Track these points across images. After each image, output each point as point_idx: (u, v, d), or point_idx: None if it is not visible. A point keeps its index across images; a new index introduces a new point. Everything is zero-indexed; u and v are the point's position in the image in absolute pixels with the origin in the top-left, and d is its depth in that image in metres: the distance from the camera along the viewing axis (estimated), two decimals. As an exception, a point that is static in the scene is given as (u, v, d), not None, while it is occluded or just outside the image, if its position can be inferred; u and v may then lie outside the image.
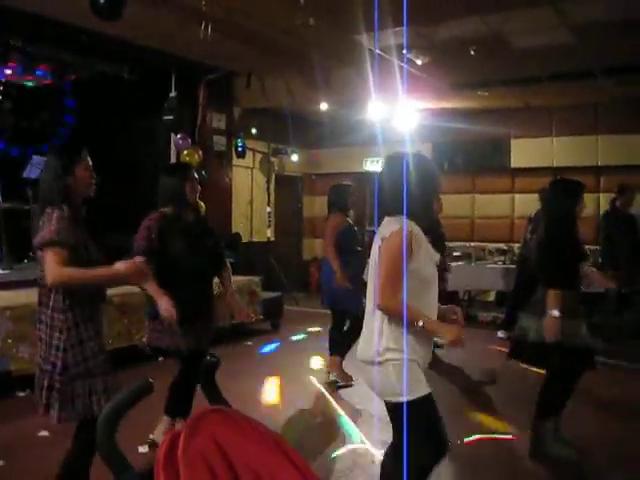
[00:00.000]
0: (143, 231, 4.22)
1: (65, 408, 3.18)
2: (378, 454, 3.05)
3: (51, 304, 3.21)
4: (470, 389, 6.37)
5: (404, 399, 2.83)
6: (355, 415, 5.45)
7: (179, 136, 9.31)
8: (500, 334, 8.70)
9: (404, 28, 6.81)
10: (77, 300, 3.24)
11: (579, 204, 4.57)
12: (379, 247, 2.92)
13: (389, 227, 2.91)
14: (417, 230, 2.93)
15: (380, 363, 2.87)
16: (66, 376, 3.18)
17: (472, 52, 7.85)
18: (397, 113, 10.54)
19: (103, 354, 3.32)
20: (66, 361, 3.17)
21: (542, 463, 4.47)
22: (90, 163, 3.39)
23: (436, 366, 6.96)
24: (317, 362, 7.31)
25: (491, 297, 11.40)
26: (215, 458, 1.45)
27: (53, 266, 3.10)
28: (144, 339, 4.61)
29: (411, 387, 2.83)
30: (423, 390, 2.89)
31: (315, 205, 13.88)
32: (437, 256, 3.04)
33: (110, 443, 1.51)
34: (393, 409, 2.92)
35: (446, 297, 9.02)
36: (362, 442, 4.84)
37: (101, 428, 1.51)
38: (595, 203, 11.00)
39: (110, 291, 6.15)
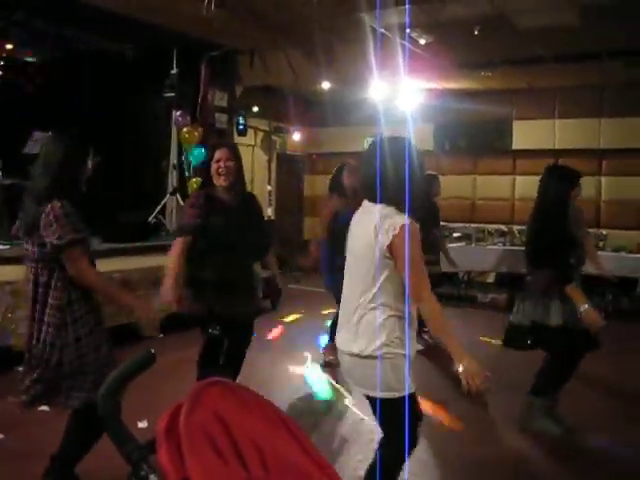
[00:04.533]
0: (188, 209, 4.21)
1: (54, 399, 3.23)
2: (379, 429, 3.04)
3: (50, 301, 3.19)
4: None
5: (399, 394, 2.81)
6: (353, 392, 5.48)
7: (178, 113, 9.28)
8: None
9: (407, 7, 6.75)
10: (77, 296, 3.24)
11: (573, 191, 4.61)
12: (389, 244, 2.76)
13: (394, 220, 2.78)
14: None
15: (375, 357, 2.80)
16: (59, 372, 3.19)
17: (476, 32, 7.79)
18: (399, 93, 10.49)
19: (102, 348, 3.33)
20: (62, 359, 3.18)
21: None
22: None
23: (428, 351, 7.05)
24: (316, 342, 7.35)
25: (490, 278, 11.42)
26: (217, 431, 1.46)
27: (82, 265, 3.19)
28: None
29: (405, 383, 2.81)
30: (412, 387, 2.87)
31: (316, 184, 13.85)
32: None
33: (113, 413, 1.52)
34: (384, 405, 2.85)
35: (444, 278, 9.09)
36: (361, 418, 4.89)
37: (103, 398, 1.52)
38: (597, 186, 11.02)
39: (111, 267, 6.21)
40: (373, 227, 2.82)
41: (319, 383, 6.00)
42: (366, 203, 2.96)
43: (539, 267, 4.64)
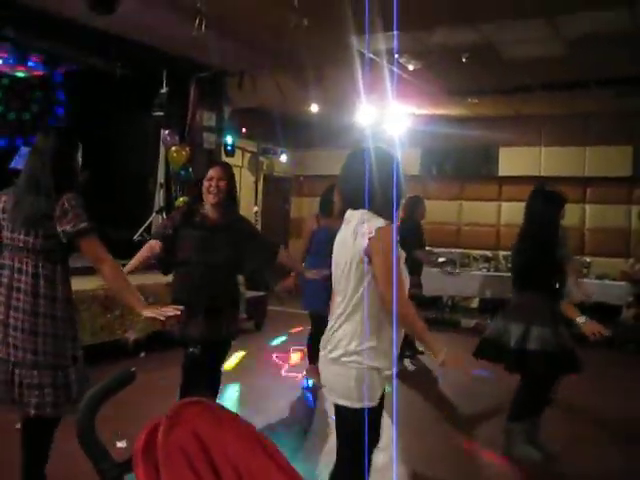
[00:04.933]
0: (165, 219, 4.37)
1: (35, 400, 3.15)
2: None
3: (42, 291, 3.16)
4: (443, 399, 6.39)
5: (356, 405, 2.75)
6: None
7: (167, 132, 9.29)
8: None
9: (395, 33, 6.82)
10: (65, 295, 3.23)
11: (559, 214, 4.65)
12: (366, 247, 2.74)
13: (371, 223, 2.76)
14: (395, 226, 2.85)
15: (343, 363, 2.78)
16: (36, 368, 3.14)
17: (464, 59, 7.88)
18: (387, 117, 10.57)
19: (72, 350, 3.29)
20: (36, 350, 3.13)
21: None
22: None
23: (410, 375, 7.05)
24: (298, 363, 7.33)
25: (474, 304, 11.45)
26: (195, 451, 1.45)
27: (102, 250, 3.25)
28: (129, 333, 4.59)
29: (368, 395, 2.74)
30: (373, 402, 2.79)
31: (303, 206, 13.89)
32: (403, 253, 2.94)
33: (90, 430, 1.51)
34: (342, 413, 2.83)
35: (427, 302, 9.12)
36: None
37: (82, 415, 1.51)
38: (581, 214, 11.11)
39: (94, 285, 6.16)
40: (351, 232, 2.82)
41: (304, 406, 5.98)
42: (348, 213, 2.94)
43: (525, 289, 4.66)
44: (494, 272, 10.17)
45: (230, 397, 5.87)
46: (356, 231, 2.79)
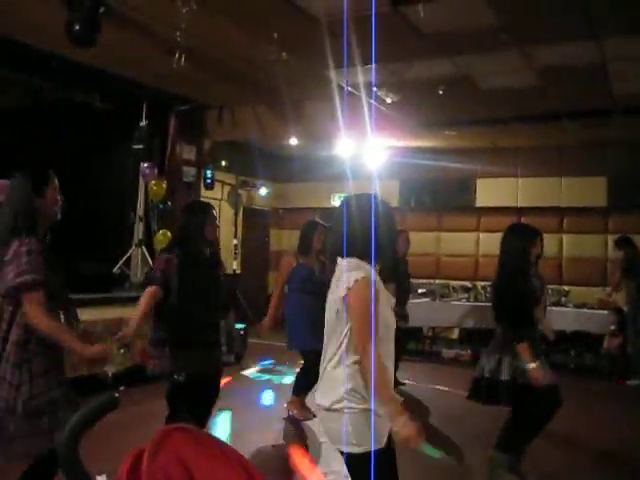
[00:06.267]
0: (160, 263, 4.38)
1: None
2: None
3: (12, 338, 3.08)
4: (429, 428, 6.37)
5: (360, 450, 2.73)
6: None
7: (146, 165, 9.29)
8: None
9: (373, 66, 6.92)
10: (38, 338, 3.13)
11: (533, 248, 4.70)
12: (344, 296, 2.79)
13: (351, 274, 2.80)
14: (374, 274, 2.86)
15: (337, 410, 2.78)
16: (15, 415, 3.04)
17: (440, 92, 8.00)
18: (366, 150, 10.65)
19: (57, 389, 3.20)
20: (17, 398, 3.04)
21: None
22: (57, 184, 3.35)
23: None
24: (278, 396, 7.27)
25: (454, 334, 11.46)
26: (179, 476, 1.44)
27: (38, 311, 3.04)
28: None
29: (365, 438, 2.72)
30: (378, 444, 2.76)
31: (282, 239, 13.92)
32: (393, 299, 3.00)
33: (73, 458, 1.49)
34: (348, 460, 2.80)
35: (409, 333, 9.12)
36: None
37: (64, 443, 1.49)
38: (558, 243, 11.22)
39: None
40: (337, 279, 2.89)
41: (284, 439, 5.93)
42: (338, 259, 2.98)
43: (501, 321, 4.71)
44: (474, 302, 10.21)
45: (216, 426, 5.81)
46: (339, 280, 2.86)
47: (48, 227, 3.33)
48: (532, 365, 4.37)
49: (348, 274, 2.81)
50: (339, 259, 2.96)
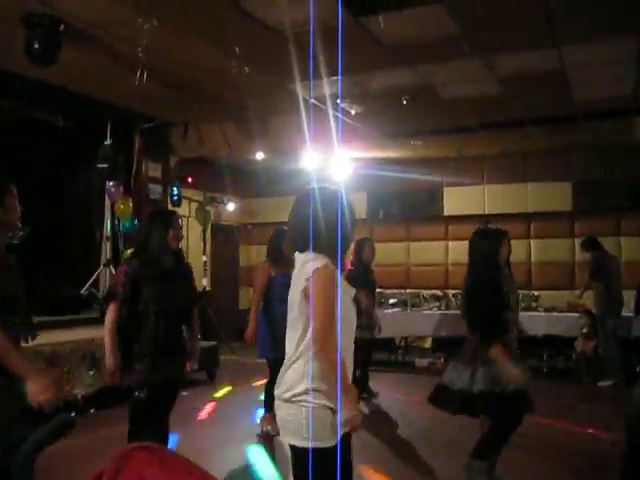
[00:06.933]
0: (120, 276, 4.27)
1: None
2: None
3: None
4: (396, 440, 6.35)
5: (307, 445, 2.70)
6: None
7: (112, 184, 9.18)
8: None
9: (338, 77, 6.93)
10: None
11: (500, 250, 4.68)
12: (304, 288, 2.78)
13: (309, 265, 2.79)
14: (332, 264, 2.82)
15: (294, 402, 2.76)
16: None
17: (404, 102, 8.04)
18: (332, 162, 10.67)
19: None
20: None
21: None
22: (16, 193, 3.26)
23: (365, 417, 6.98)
24: (252, 413, 7.20)
25: (427, 343, 11.48)
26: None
27: None
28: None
29: (320, 434, 2.71)
30: (331, 441, 2.74)
31: (251, 254, 13.88)
32: (353, 290, 2.96)
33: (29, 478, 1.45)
34: (295, 453, 2.78)
35: (379, 344, 9.11)
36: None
37: (20, 464, 1.45)
38: (526, 248, 11.33)
39: (39, 341, 5.99)
40: (296, 275, 2.87)
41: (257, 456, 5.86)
42: (295, 255, 2.95)
43: (472, 330, 4.67)
44: (445, 310, 10.24)
45: (182, 443, 5.73)
46: (299, 273, 2.84)
47: (8, 236, 3.24)
48: (508, 366, 4.35)
49: (307, 265, 2.79)
50: (296, 254, 2.93)
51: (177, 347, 4.40)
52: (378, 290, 9.06)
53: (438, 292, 11.01)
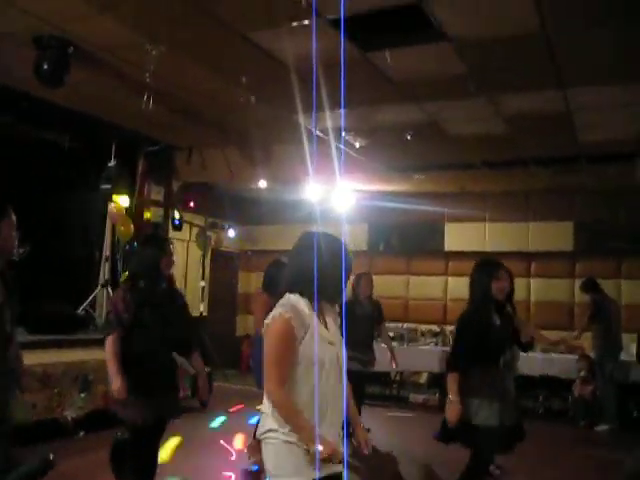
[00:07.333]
0: (121, 303, 4.16)
1: None
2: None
3: None
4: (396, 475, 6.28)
5: None
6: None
7: (113, 205, 9.20)
8: None
9: (342, 111, 6.96)
10: None
11: (494, 281, 4.59)
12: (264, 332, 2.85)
13: (274, 311, 2.82)
14: (302, 309, 2.82)
15: (265, 439, 2.81)
16: None
17: (408, 137, 8.06)
18: (334, 193, 10.68)
19: None
20: None
21: None
22: (14, 221, 3.26)
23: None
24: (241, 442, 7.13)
25: (423, 379, 11.40)
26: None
27: None
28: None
29: (287, 470, 2.73)
30: (301, 477, 2.72)
31: (251, 281, 13.85)
32: (333, 336, 2.94)
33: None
34: None
35: (376, 378, 9.03)
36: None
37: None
38: (526, 288, 11.29)
39: (32, 360, 5.97)
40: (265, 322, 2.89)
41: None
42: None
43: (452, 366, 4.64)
44: (442, 346, 10.19)
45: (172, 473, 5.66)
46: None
47: (4, 262, 3.24)
48: (450, 398, 4.31)
49: (275, 310, 2.83)
50: (286, 295, 2.94)
51: (170, 383, 4.32)
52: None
53: (436, 327, 10.97)
